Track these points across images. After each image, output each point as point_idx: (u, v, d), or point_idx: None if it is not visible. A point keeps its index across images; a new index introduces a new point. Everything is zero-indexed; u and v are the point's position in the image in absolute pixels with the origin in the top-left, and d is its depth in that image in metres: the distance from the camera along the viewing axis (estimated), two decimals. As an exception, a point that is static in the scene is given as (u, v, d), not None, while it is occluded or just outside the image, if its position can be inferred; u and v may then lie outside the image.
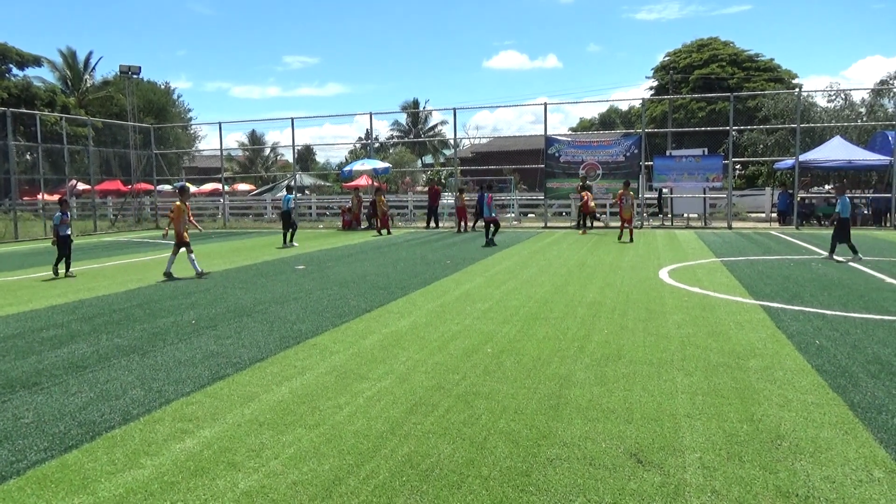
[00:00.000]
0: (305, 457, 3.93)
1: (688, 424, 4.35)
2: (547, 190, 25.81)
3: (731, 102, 24.74)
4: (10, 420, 4.65)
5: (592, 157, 24.94)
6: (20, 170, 33.83)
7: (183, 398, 5.05)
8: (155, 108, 53.65)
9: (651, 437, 4.15)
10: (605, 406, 4.71)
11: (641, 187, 24.78)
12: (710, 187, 24.32)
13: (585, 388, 5.12)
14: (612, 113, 63.77)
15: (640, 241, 18.54)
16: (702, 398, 4.86)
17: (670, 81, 44.62)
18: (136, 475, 3.73)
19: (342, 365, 5.91)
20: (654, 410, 4.62)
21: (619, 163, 24.68)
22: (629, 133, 28.39)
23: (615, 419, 4.46)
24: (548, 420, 4.46)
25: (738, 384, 5.18)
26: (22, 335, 7.41)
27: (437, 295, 9.60)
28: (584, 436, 4.18)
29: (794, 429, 4.25)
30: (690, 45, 48.07)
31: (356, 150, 56.67)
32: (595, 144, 25.56)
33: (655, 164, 24.49)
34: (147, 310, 8.82)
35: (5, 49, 45.87)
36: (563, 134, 30.25)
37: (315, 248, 17.86)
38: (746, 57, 45.99)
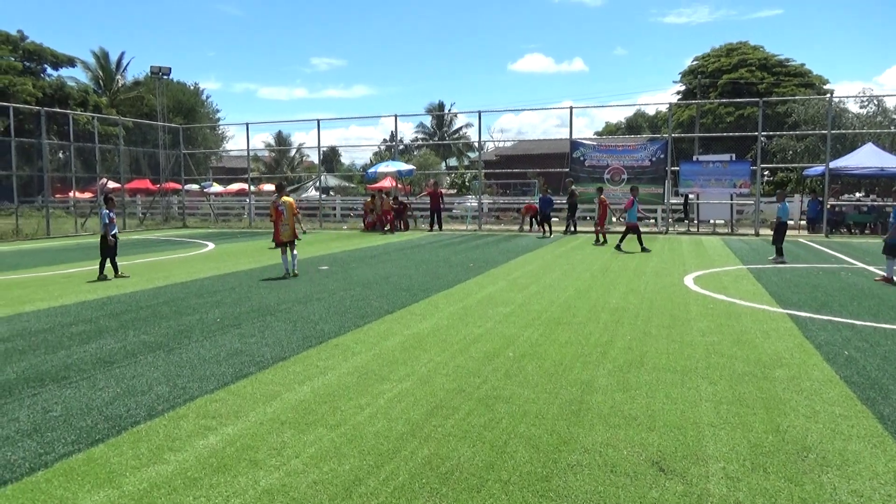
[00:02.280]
0: (326, 456, 3.96)
1: (711, 433, 4.30)
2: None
3: (760, 107, 24.40)
4: (40, 413, 4.74)
5: (618, 162, 24.76)
6: (53, 168, 34.58)
7: (207, 395, 5.11)
8: (184, 109, 54.48)
9: (674, 445, 4.11)
10: (628, 413, 4.67)
11: (667, 192, 24.54)
12: (737, 193, 23.99)
13: (607, 395, 5.07)
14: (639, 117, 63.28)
15: (665, 246, 18.36)
16: (726, 407, 4.79)
17: (698, 86, 44.14)
18: (160, 470, 3.78)
19: (364, 366, 5.94)
20: (678, 418, 4.56)
21: (644, 167, 24.47)
22: (655, 138, 28.07)
23: (637, 426, 4.42)
24: (569, 426, 4.43)
25: (763, 394, 5.10)
26: (52, 330, 7.56)
27: (460, 298, 9.59)
28: (606, 442, 4.14)
29: (820, 441, 4.17)
30: (719, 49, 47.48)
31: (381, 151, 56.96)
32: (620, 149, 25.37)
33: (682, 170, 24.23)
34: (173, 307, 8.95)
35: (40, 50, 46.95)
36: (588, 138, 30.03)
37: (339, 249, 17.98)
38: (776, 61, 45.28)
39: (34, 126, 31.82)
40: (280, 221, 11.95)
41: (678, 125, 42.61)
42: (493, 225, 28.42)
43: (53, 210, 26.80)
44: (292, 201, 12.28)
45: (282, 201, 12.02)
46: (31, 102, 37.83)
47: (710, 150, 35.68)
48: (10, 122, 25.01)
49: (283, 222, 11.94)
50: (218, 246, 19.69)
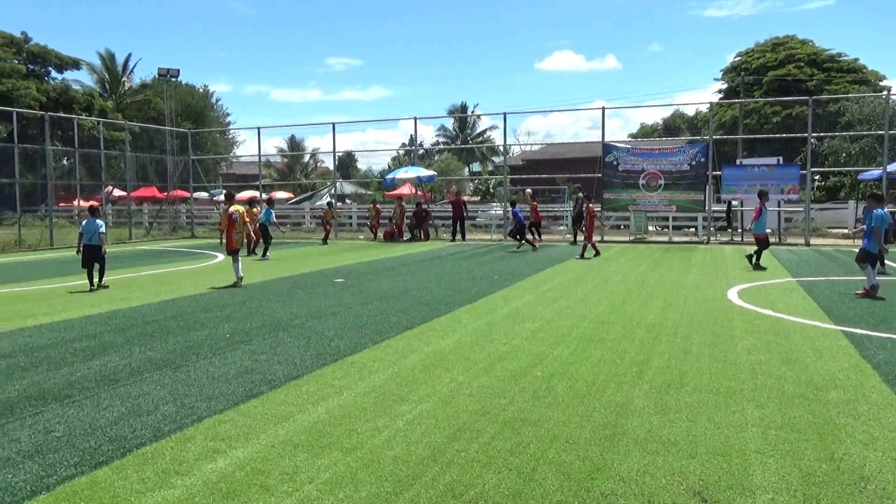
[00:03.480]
0: (341, 482, 3.96)
1: (759, 461, 4.23)
2: (604, 201, 25.56)
3: (810, 106, 24.11)
4: (42, 433, 4.82)
5: (654, 166, 24.61)
6: (57, 175, 35.31)
7: (216, 416, 5.15)
8: (193, 113, 55.39)
9: (717, 473, 4.05)
10: (666, 438, 4.62)
11: (708, 199, 24.32)
12: (785, 200, 23.70)
13: (644, 418, 5.02)
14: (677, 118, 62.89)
15: (706, 257, 18.17)
16: (775, 433, 4.72)
17: (741, 84, 43.78)
18: (167, 495, 3.82)
19: (381, 385, 5.95)
20: (721, 445, 4.50)
21: (683, 172, 24.29)
22: (695, 140, 27.89)
23: (677, 453, 4.36)
24: (602, 451, 4.39)
25: (816, 418, 5.01)
26: (55, 346, 7.69)
27: (484, 312, 9.58)
28: (643, 470, 4.10)
29: (880, 470, 4.08)
30: (764, 44, 47.10)
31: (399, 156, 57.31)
32: (657, 152, 25.23)
33: (724, 174, 24.01)
34: (181, 322, 9.06)
35: (44, 52, 48.09)
36: (622, 140, 29.95)
37: (355, 261, 18.08)
38: (827, 56, 44.78)
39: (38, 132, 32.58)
40: (233, 230, 12.99)
41: (720, 126, 42.26)
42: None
43: (57, 219, 27.37)
44: (244, 210, 13.53)
45: (233, 209, 13.12)
46: (34, 107, 38.73)
47: (754, 153, 35.33)
48: (13, 128, 25.62)
49: (235, 230, 13.00)
50: (228, 257, 19.89)
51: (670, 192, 24.40)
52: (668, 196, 24.49)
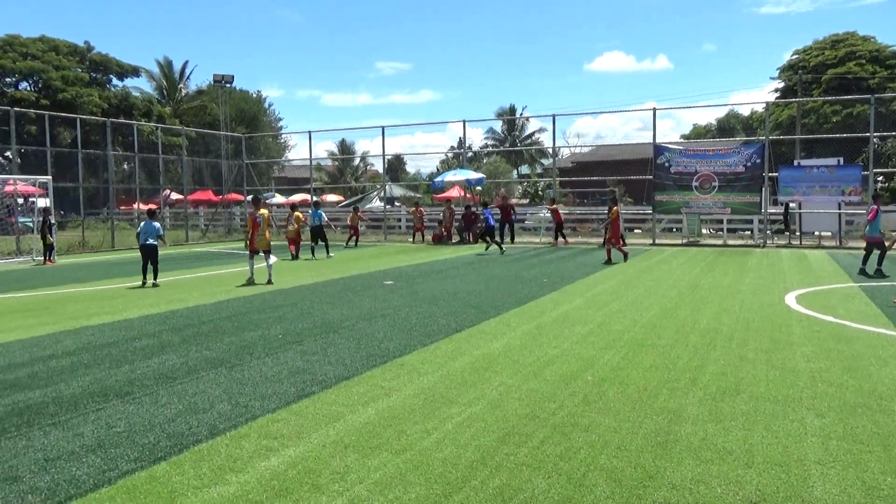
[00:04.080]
0: (391, 483, 3.99)
1: (819, 472, 4.09)
2: (655, 204, 25.14)
3: (872, 105, 23.25)
4: (104, 428, 4.99)
5: (707, 168, 24.08)
6: (118, 179, 36.52)
7: (268, 415, 5.25)
8: (246, 118, 56.62)
9: (775, 484, 3.93)
10: (721, 446, 4.51)
11: (765, 201, 23.68)
12: (846, 202, 22.91)
13: (698, 425, 4.92)
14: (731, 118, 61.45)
15: (762, 261, 17.69)
16: (836, 443, 4.56)
17: (799, 82, 42.51)
18: (222, 491, 3.91)
19: (431, 387, 5.97)
20: (779, 454, 4.37)
21: (738, 174, 23.70)
22: (750, 141, 27.21)
23: (732, 462, 4.25)
24: (655, 458, 4.31)
25: (880, 429, 4.82)
26: (116, 344, 7.96)
27: (533, 316, 9.53)
28: (697, 478, 4.01)
29: (950, 484, 3.90)
30: (823, 41, 45.64)
31: (448, 159, 57.42)
32: (711, 153, 24.68)
33: (781, 176, 23.34)
34: (235, 322, 9.27)
35: (106, 60, 49.82)
36: (674, 142, 29.42)
37: (404, 263, 18.19)
38: (890, 53, 43.09)
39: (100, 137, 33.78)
40: (256, 232, 13.95)
41: (776, 126, 41.12)
42: (570, 237, 28.10)
43: (118, 222, 28.30)
44: (268, 214, 14.49)
45: (259, 214, 14.07)
46: (97, 113, 40.17)
47: (813, 154, 34.25)
48: (77, 134, 26.63)
49: (258, 233, 13.94)
50: (280, 259, 20.26)
51: (724, 194, 23.85)
52: (722, 198, 23.93)
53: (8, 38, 46.20)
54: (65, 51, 47.47)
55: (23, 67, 44.43)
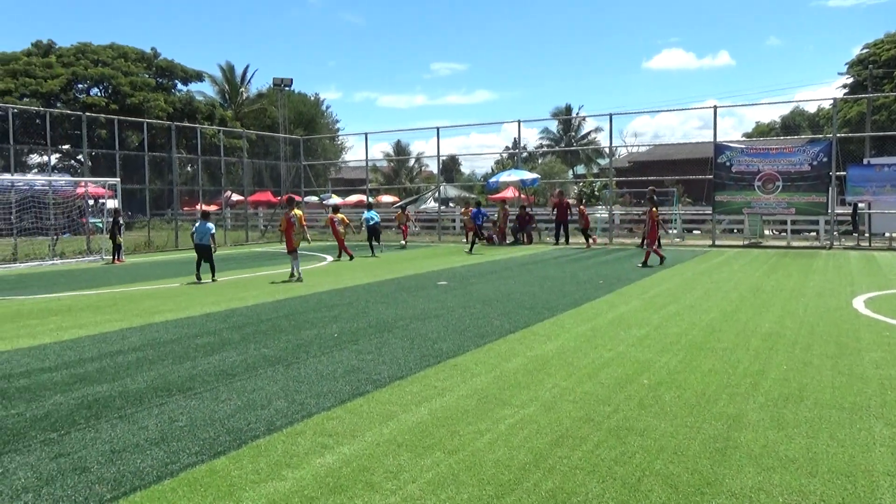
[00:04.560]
0: (444, 483, 4.00)
1: (889, 484, 3.92)
2: (716, 204, 24.51)
3: (950, 101, 22.13)
4: (167, 422, 5.16)
5: (771, 167, 23.34)
6: (182, 181, 37.70)
7: (324, 412, 5.33)
8: (305, 120, 57.71)
9: (840, 494, 3.79)
10: (783, 454, 4.36)
11: (832, 201, 22.82)
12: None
13: (759, 432, 4.77)
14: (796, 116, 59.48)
15: (828, 263, 17.05)
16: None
17: (869, 77, 40.79)
18: (278, 487, 3.99)
19: (484, 388, 5.96)
20: (846, 464, 4.20)
21: (803, 173, 22.90)
22: (817, 139, 26.27)
23: (795, 470, 4.11)
24: (713, 465, 4.21)
25: (955, 440, 4.59)
26: (179, 341, 8.21)
27: (588, 317, 9.42)
28: (757, 487, 3.89)
29: None
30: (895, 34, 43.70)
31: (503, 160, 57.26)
32: (774, 152, 23.91)
33: (850, 175, 22.44)
34: (293, 321, 9.45)
35: (171, 66, 51.51)
36: (735, 140, 28.59)
37: (458, 264, 18.22)
38: (969, 46, 40.96)
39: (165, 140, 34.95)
40: (292, 231, 14.76)
41: (844, 123, 39.58)
42: (626, 238, 27.67)
43: (182, 223, 29.19)
44: (302, 214, 15.36)
45: (293, 213, 14.94)
46: (162, 117, 41.58)
47: (884, 152, 32.82)
48: (144, 138, 27.61)
49: (294, 232, 14.79)
50: (336, 259, 20.57)
51: (789, 193, 23.08)
52: (786, 198, 23.16)
53: (80, 46, 48.27)
54: (133, 57, 49.28)
55: (94, 74, 46.33)
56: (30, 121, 39.30)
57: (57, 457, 4.49)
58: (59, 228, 23.43)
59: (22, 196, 22.17)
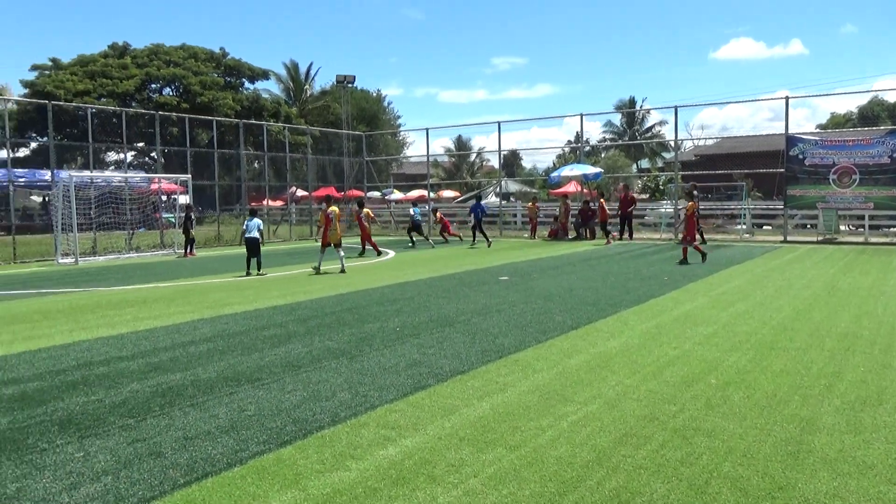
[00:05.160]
0: (505, 478, 4.00)
1: (976, 494, 3.71)
2: (788, 198, 23.65)
3: None
4: (236, 411, 5.32)
5: (847, 160, 22.36)
6: (249, 177, 38.73)
7: (386, 405, 5.40)
8: (367, 116, 58.38)
9: (923, 504, 3.61)
10: (861, 459, 4.19)
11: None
12: None
13: (834, 436, 4.59)
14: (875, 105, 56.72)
15: (910, 260, 16.23)
16: None
17: (957, 65, 38.55)
18: (343, 477, 4.06)
19: (545, 384, 5.93)
20: (929, 471, 4.00)
21: (882, 165, 21.85)
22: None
23: (874, 477, 3.94)
24: (784, 469, 4.07)
25: None
26: (247, 332, 8.45)
27: (653, 314, 9.24)
28: (833, 493, 3.75)
29: None
30: None
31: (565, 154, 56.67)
32: (851, 144, 22.89)
33: (934, 167, 21.28)
34: (356, 314, 9.59)
35: (239, 65, 52.91)
36: (808, 132, 27.49)
37: (520, 259, 18.14)
38: None
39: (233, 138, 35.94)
40: (329, 227, 15.51)
41: (929, 113, 37.54)
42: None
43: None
44: (339, 211, 16.02)
45: (330, 210, 15.62)
46: (230, 115, 42.75)
47: (973, 143, 31.00)
48: (213, 135, 28.47)
49: (331, 228, 15.48)
50: (398, 254, 20.78)
51: (866, 187, 22.06)
52: (863, 192, 22.15)
53: (153, 47, 50.10)
54: (203, 57, 50.83)
55: (166, 74, 48.01)
56: (107, 120, 41.09)
57: (134, 442, 4.69)
58: (135, 223, 24.42)
59: (100, 192, 23.19)
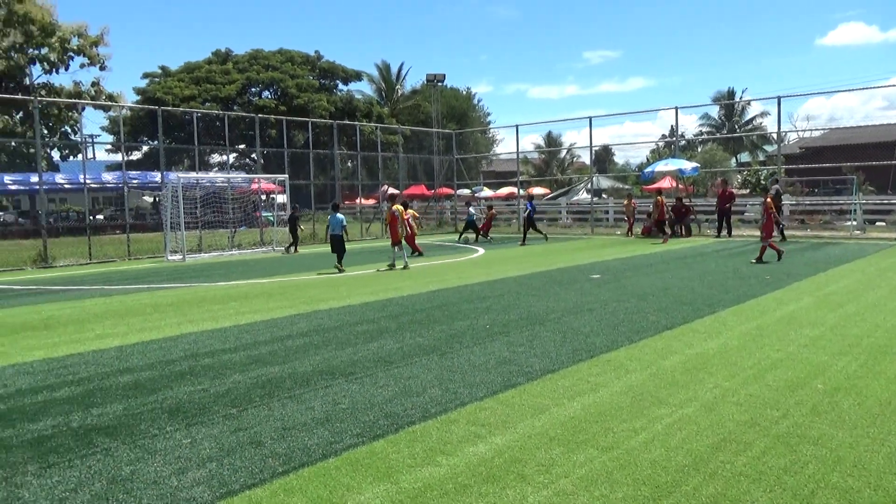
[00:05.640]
0: (597, 480, 3.94)
1: None
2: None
3: None
4: (331, 404, 5.48)
5: (974, 150, 20.64)
6: (342, 176, 39.76)
7: (476, 402, 5.42)
8: (457, 114, 58.77)
9: None
10: None
11: None
12: None
13: (958, 449, 4.25)
14: None
15: None
16: None
17: None
18: (433, 472, 4.11)
19: (639, 385, 5.79)
20: None
21: None
22: None
23: None
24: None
25: None
26: (341, 328, 8.69)
27: (754, 315, 8.84)
28: (955, 509, 3.48)
29: None
30: None
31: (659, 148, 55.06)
32: (979, 133, 21.10)
33: None
34: (446, 312, 9.68)
35: (333, 67, 54.44)
36: (929, 121, 25.53)
37: (611, 257, 17.78)
38: None
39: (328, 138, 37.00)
40: (396, 224, 15.89)
41: None
42: (797, 230, 25.63)
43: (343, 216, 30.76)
44: (402, 209, 16.45)
45: (395, 209, 16.08)
46: (325, 116, 44.07)
47: None
48: (308, 136, 29.41)
49: (398, 225, 15.88)
50: (487, 251, 20.80)
51: None
52: None
53: (253, 53, 52.27)
54: (299, 61, 52.61)
55: (265, 78, 50.00)
56: (211, 123, 43.15)
57: (236, 430, 4.92)
58: (237, 221, 25.55)
59: (205, 192, 24.41)
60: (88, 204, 26.35)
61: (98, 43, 42.75)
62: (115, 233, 31.40)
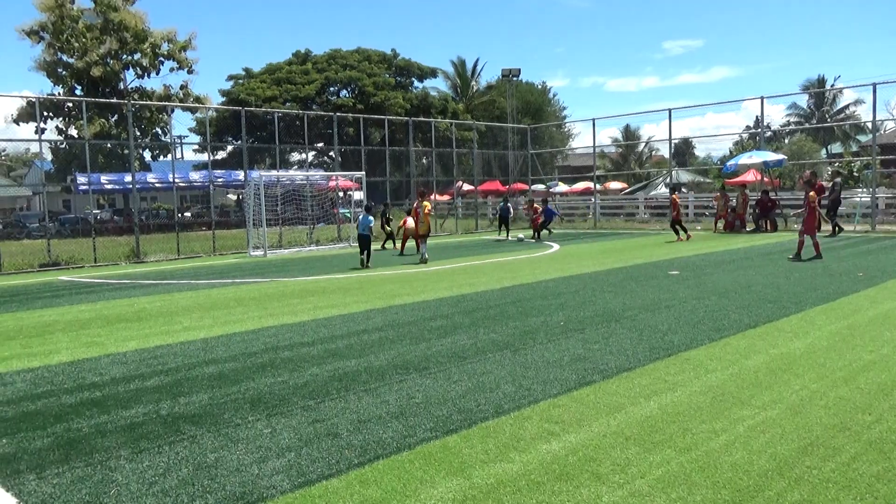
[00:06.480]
0: (674, 482, 3.84)
1: None
2: None
3: None
4: (405, 398, 5.55)
5: None
6: (417, 172, 40.13)
7: (550, 399, 5.38)
8: (532, 109, 58.30)
9: None
10: None
11: None
12: None
13: None
14: None
15: None
16: None
17: None
18: (506, 468, 4.10)
19: (719, 385, 5.60)
20: None
21: None
22: None
23: None
24: None
25: None
26: (415, 323, 8.78)
27: (844, 314, 8.41)
28: None
29: None
30: None
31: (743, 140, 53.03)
32: None
33: None
34: (519, 308, 9.63)
35: (409, 65, 54.96)
36: None
37: (691, 252, 17.26)
38: None
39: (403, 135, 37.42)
40: (419, 219, 16.52)
41: None
42: (893, 224, 24.21)
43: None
44: (428, 205, 17.06)
45: (422, 205, 16.60)
46: (401, 114, 44.58)
47: None
48: (384, 133, 29.83)
49: (420, 220, 16.47)
50: (563, 247, 20.58)
51: None
52: None
53: (332, 53, 53.38)
54: (375, 59, 53.38)
55: (343, 77, 51.00)
56: (291, 123, 44.38)
57: (314, 422, 5.05)
58: (315, 218, 26.19)
59: (285, 190, 25.14)
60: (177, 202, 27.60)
61: (186, 47, 44.67)
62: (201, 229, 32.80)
